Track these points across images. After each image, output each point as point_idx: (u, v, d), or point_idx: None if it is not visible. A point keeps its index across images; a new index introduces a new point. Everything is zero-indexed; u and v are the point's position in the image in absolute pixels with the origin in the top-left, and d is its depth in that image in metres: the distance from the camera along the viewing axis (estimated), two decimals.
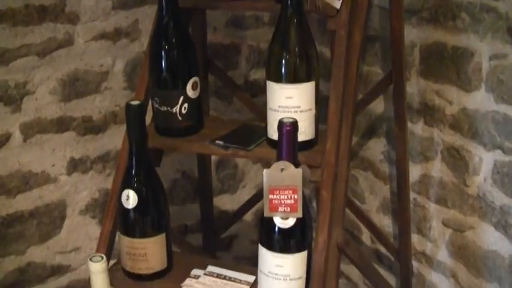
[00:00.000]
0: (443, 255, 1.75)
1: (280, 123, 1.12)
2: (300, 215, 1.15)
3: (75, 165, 1.72)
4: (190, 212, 1.97)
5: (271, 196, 1.14)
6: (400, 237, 1.79)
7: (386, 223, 1.93)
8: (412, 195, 1.79)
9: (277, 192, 1.14)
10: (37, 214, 1.70)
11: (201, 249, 1.94)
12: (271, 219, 1.16)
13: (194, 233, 1.99)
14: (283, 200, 1.14)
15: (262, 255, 1.20)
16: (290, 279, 1.18)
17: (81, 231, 1.79)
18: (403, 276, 1.82)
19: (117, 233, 1.33)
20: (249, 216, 2.11)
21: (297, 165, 1.14)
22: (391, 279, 1.93)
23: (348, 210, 1.84)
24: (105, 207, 1.37)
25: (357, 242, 2.02)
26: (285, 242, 1.17)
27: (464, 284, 1.70)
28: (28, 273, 1.74)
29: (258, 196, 1.93)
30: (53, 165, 1.69)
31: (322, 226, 1.20)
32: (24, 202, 1.67)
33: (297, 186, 1.13)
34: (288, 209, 1.14)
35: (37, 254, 1.74)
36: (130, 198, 1.25)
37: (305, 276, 1.20)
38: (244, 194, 2.04)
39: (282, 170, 1.13)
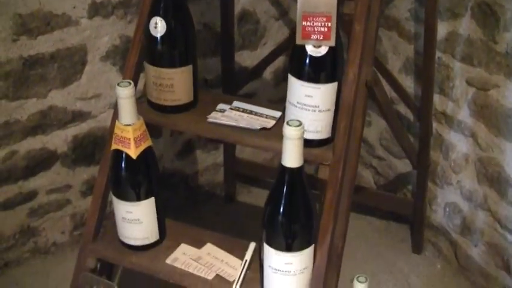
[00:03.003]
0: (464, 114, 1.75)
1: None
2: (332, 43, 1.13)
3: (96, 9, 1.68)
4: (211, 66, 1.95)
5: (304, 23, 1.12)
6: (423, 97, 1.78)
7: (407, 84, 1.91)
8: (437, 53, 1.76)
9: (311, 18, 1.11)
10: (58, 57, 1.69)
11: None
12: (303, 47, 1.15)
13: (214, 88, 1.98)
14: (317, 28, 1.12)
15: (291, 86, 1.19)
16: (319, 111, 1.18)
17: (101, 77, 1.78)
18: (422, 135, 1.82)
19: (144, 64, 1.31)
20: (268, 75, 2.10)
21: None
22: None
23: None
24: (132, 38, 1.35)
25: None
26: (316, 72, 1.15)
27: (483, 143, 1.70)
28: (50, 117, 1.75)
29: (279, 51, 1.91)
30: (74, 7, 1.65)
31: (354, 59, 1.19)
32: (45, 44, 1.65)
33: (332, 13, 1.11)
34: (321, 37, 1.12)
35: (58, 98, 1.74)
36: (158, 26, 1.23)
37: (333, 109, 1.20)
38: (264, 52, 2.01)
39: None
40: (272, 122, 1.30)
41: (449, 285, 1.89)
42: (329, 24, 1.11)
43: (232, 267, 1.30)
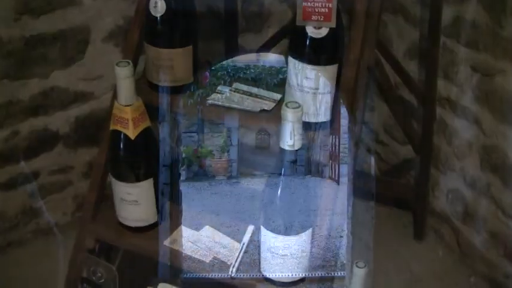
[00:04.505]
0: (468, 100, 1.73)
1: None
2: (333, 24, 1.11)
3: None
4: (215, 49, 1.93)
5: (305, 3, 1.10)
6: (427, 82, 1.76)
7: (412, 68, 1.89)
8: (442, 39, 1.74)
9: None
10: (60, 37, 1.68)
11: None
12: (303, 29, 1.13)
13: None
14: (317, 8, 1.10)
15: (291, 67, 1.17)
16: (319, 93, 1.17)
17: (104, 58, 1.77)
18: (425, 121, 1.81)
19: (144, 45, 1.30)
20: None
21: None
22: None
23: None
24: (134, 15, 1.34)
25: None
26: (316, 53, 1.14)
27: (488, 129, 1.69)
28: (52, 98, 1.75)
29: (282, 34, 1.89)
30: None
31: (355, 41, 1.17)
32: (47, 24, 1.64)
33: None
34: (322, 18, 1.11)
35: (60, 78, 1.74)
36: (158, 6, 1.22)
37: (334, 91, 1.19)
38: (268, 35, 1.99)
39: None
40: (272, 104, 1.29)
41: (451, 272, 1.88)
42: (330, 5, 1.10)
43: (230, 250, 1.30)
